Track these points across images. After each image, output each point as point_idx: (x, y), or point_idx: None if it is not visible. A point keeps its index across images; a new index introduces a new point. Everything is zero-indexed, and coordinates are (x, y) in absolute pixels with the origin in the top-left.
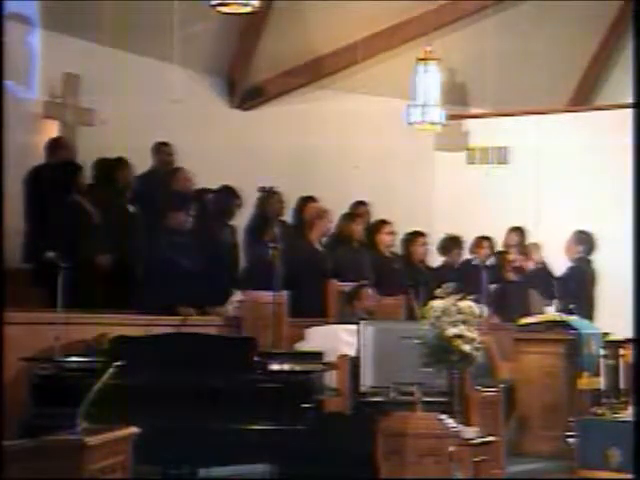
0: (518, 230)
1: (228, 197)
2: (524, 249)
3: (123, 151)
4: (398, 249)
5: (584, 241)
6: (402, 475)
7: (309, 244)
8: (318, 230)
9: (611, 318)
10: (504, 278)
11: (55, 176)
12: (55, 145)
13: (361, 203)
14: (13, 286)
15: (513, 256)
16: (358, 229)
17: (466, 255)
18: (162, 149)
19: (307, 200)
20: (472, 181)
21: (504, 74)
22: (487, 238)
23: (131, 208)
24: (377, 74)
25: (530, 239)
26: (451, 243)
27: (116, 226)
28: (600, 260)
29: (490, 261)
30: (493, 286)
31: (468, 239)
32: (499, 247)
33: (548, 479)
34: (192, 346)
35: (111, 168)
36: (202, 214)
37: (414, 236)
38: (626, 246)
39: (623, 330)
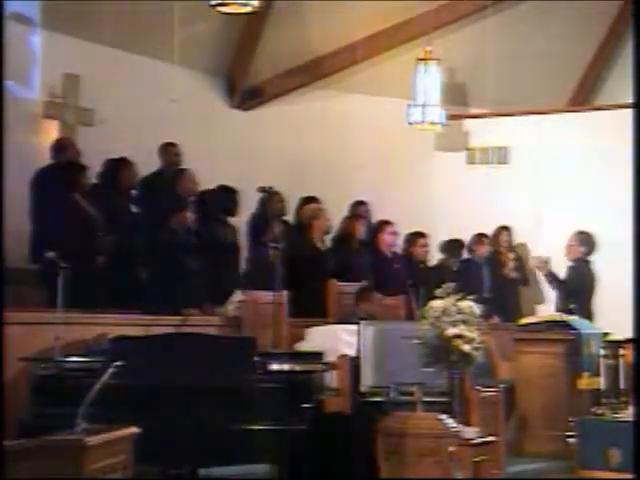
0: (506, 229)
1: (226, 196)
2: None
3: (123, 151)
4: (400, 249)
5: (585, 242)
6: (402, 475)
7: (309, 244)
8: (317, 230)
9: (611, 318)
10: (504, 276)
11: (58, 176)
12: (61, 146)
13: (361, 203)
14: (13, 286)
15: (511, 255)
16: (360, 229)
17: (464, 254)
18: (169, 150)
19: (306, 201)
20: (472, 181)
21: (504, 74)
22: (485, 235)
23: (134, 208)
24: (377, 74)
25: (529, 239)
26: (455, 246)
27: (118, 226)
28: (600, 260)
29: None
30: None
31: (468, 239)
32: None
33: (548, 479)
34: (192, 346)
35: (115, 168)
36: (202, 214)
37: (415, 237)
38: (626, 246)
39: (623, 330)
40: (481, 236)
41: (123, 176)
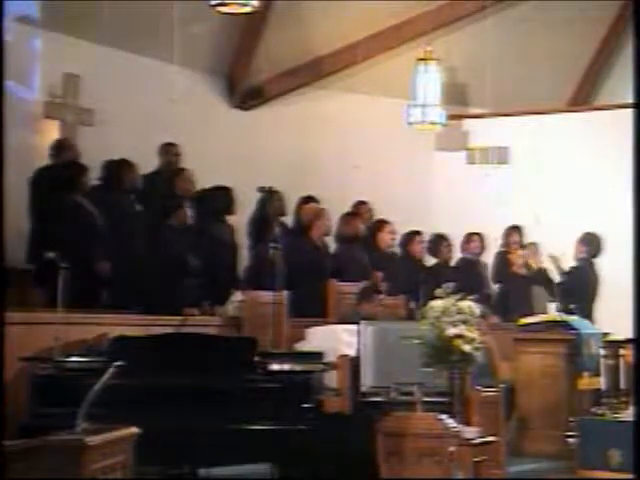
0: (517, 229)
1: (222, 195)
2: (524, 248)
3: (123, 151)
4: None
5: (590, 242)
6: (402, 475)
7: (310, 244)
8: (318, 230)
9: (611, 318)
10: (513, 274)
11: (59, 176)
12: (60, 146)
13: (362, 203)
14: (14, 286)
15: (521, 252)
16: (360, 228)
17: (457, 253)
18: (169, 150)
19: (306, 201)
20: (472, 181)
21: (504, 74)
22: (477, 233)
23: (137, 208)
24: (377, 74)
25: (530, 239)
26: (438, 241)
27: (119, 227)
28: (600, 260)
29: (492, 259)
30: (497, 285)
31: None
32: (494, 245)
33: (548, 479)
34: (192, 346)
35: (117, 169)
36: (200, 213)
37: (412, 235)
38: (626, 246)
39: (623, 330)
40: (471, 235)
41: (126, 177)
